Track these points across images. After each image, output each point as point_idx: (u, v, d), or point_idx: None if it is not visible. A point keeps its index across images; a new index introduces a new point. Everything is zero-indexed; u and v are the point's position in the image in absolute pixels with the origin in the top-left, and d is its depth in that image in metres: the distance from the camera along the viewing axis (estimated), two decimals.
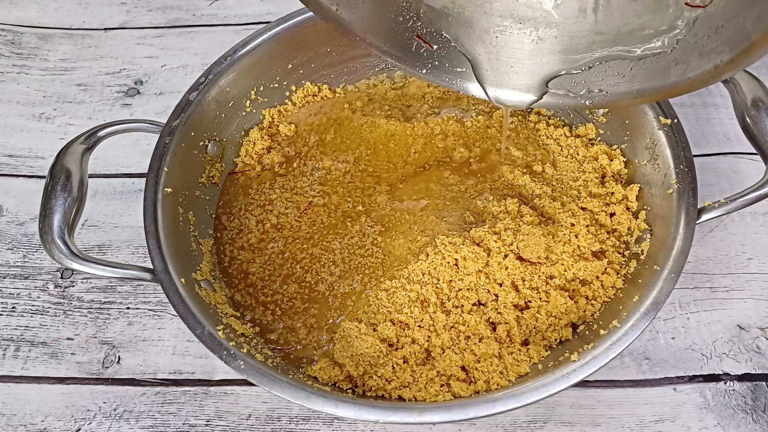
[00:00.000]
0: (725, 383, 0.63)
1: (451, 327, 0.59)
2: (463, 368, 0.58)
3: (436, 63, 0.65)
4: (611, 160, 0.69)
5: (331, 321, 0.63)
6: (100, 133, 0.63)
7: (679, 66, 0.52)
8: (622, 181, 0.68)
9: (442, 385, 0.57)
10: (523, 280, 0.61)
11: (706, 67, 0.49)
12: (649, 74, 0.55)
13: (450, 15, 0.61)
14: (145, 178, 0.63)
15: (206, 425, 0.63)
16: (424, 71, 0.66)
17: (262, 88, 0.76)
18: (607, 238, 0.64)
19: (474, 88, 0.66)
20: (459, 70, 0.65)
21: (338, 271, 0.65)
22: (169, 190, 0.63)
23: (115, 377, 0.66)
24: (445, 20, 0.61)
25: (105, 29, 0.96)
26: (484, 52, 0.62)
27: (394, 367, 0.57)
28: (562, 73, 0.60)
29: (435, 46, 0.63)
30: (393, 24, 0.62)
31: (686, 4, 0.48)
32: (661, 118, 0.63)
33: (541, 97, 0.63)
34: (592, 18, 0.55)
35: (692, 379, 0.63)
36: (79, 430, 0.63)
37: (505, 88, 0.64)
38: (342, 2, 0.60)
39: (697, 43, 0.50)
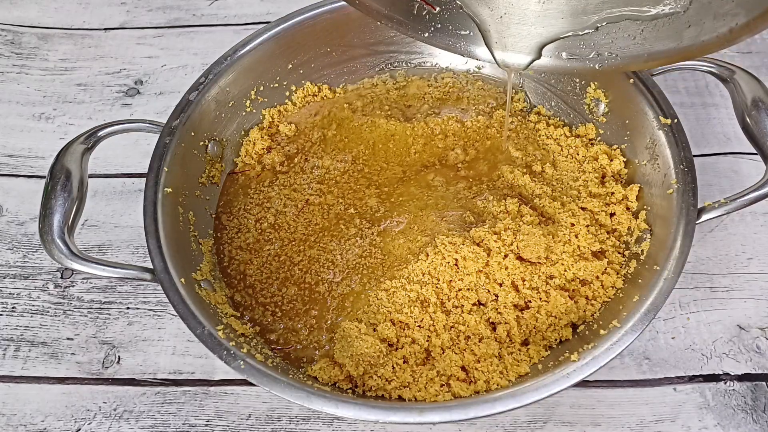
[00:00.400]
0: (725, 383, 0.63)
1: (451, 327, 0.59)
2: (463, 368, 0.58)
3: (439, 26, 0.63)
4: (611, 160, 0.69)
5: (330, 322, 0.63)
6: (100, 133, 0.63)
7: (693, 28, 0.50)
8: (622, 181, 0.68)
9: (442, 385, 0.57)
10: (523, 280, 0.61)
11: (720, 30, 0.47)
12: (661, 36, 0.53)
13: None
14: (145, 178, 0.63)
15: (206, 425, 0.63)
16: (426, 35, 0.64)
17: (262, 88, 0.76)
18: (607, 238, 0.64)
19: (479, 51, 0.64)
20: (462, 32, 0.63)
21: (337, 272, 0.65)
22: (169, 190, 0.63)
23: (115, 377, 0.66)
24: None
25: (105, 29, 0.96)
26: (490, 13, 0.61)
27: (394, 367, 0.57)
28: (569, 34, 0.58)
29: (437, 8, 0.61)
30: None
31: None
32: (661, 118, 0.63)
33: (546, 59, 0.61)
34: None
35: (692, 379, 0.63)
36: (79, 430, 0.63)
37: (512, 51, 0.62)
38: None
39: (712, 4, 0.48)
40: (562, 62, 0.60)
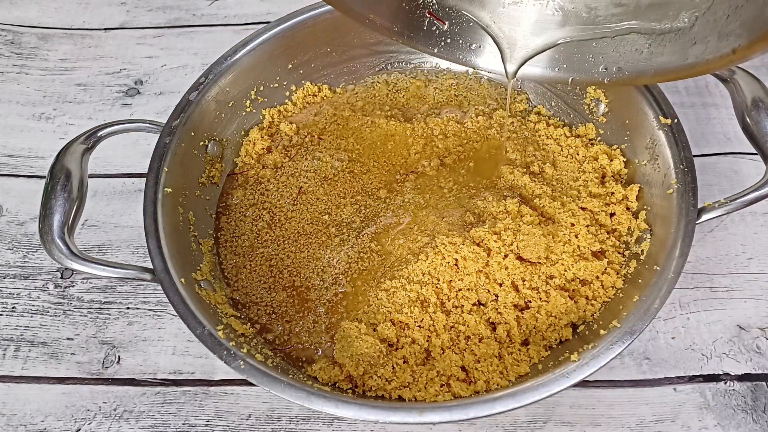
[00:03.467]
0: (725, 383, 0.63)
1: (451, 327, 0.59)
2: (463, 368, 0.58)
3: (449, 41, 0.64)
4: (611, 160, 0.69)
5: (324, 325, 0.63)
6: (100, 133, 0.63)
7: (698, 46, 0.51)
8: (622, 181, 0.68)
9: (442, 385, 0.57)
10: (523, 280, 0.61)
11: (724, 50, 0.48)
12: (668, 52, 0.54)
13: None
14: (145, 178, 0.63)
15: (206, 425, 0.63)
16: (436, 50, 0.64)
17: (262, 88, 0.76)
18: (607, 238, 0.64)
19: (487, 64, 0.65)
20: (473, 46, 0.64)
21: (327, 278, 0.65)
22: (169, 190, 0.63)
23: (115, 377, 0.66)
24: None
25: (105, 29, 0.96)
26: (499, 26, 0.61)
27: (394, 367, 0.57)
28: (576, 39, 0.59)
29: (446, 23, 0.62)
30: (402, 2, 0.61)
31: None
32: (661, 118, 0.63)
33: (554, 71, 0.62)
34: None
35: (692, 379, 0.63)
36: (79, 430, 0.63)
37: (515, 62, 0.63)
38: None
39: (717, 22, 0.49)
40: (572, 74, 0.61)
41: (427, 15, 0.62)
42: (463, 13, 0.61)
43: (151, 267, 0.58)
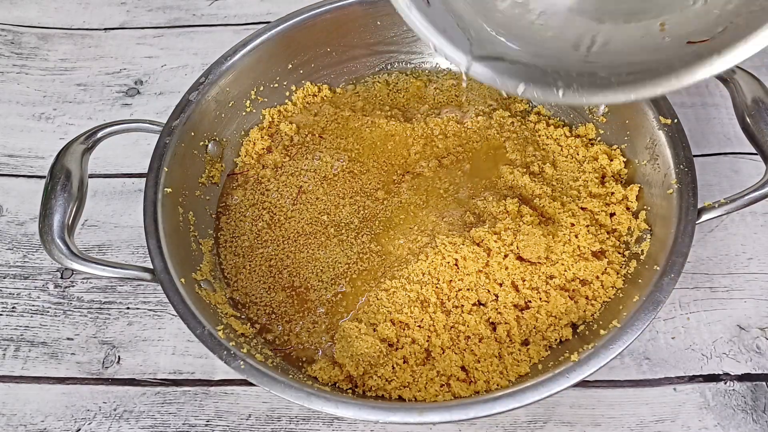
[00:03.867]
0: (725, 383, 0.63)
1: (451, 327, 0.59)
2: (463, 368, 0.58)
3: (424, 12, 0.62)
4: (611, 160, 0.69)
5: (324, 325, 0.63)
6: (100, 133, 0.63)
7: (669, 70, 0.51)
8: (622, 181, 0.68)
9: (442, 385, 0.57)
10: (523, 280, 0.61)
11: (693, 63, 0.48)
12: (631, 79, 0.54)
13: None
14: (145, 178, 0.63)
15: (206, 425, 0.63)
16: (410, 12, 0.62)
17: (262, 88, 0.76)
18: (607, 238, 0.64)
19: (443, 45, 0.63)
20: (446, 30, 0.63)
21: (327, 278, 0.65)
22: (169, 190, 0.63)
23: (115, 377, 0.66)
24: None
25: (105, 29, 0.96)
26: (476, 29, 0.61)
27: (394, 367, 0.57)
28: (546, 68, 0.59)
29: (431, 4, 0.61)
30: None
31: (688, 42, 0.48)
32: (661, 118, 0.63)
33: (508, 80, 0.61)
34: (584, 53, 0.55)
35: (692, 379, 0.63)
36: (79, 430, 0.63)
37: (485, 68, 0.62)
38: None
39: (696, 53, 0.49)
40: (524, 83, 0.60)
41: None
42: (449, 8, 0.60)
43: (151, 267, 0.58)
